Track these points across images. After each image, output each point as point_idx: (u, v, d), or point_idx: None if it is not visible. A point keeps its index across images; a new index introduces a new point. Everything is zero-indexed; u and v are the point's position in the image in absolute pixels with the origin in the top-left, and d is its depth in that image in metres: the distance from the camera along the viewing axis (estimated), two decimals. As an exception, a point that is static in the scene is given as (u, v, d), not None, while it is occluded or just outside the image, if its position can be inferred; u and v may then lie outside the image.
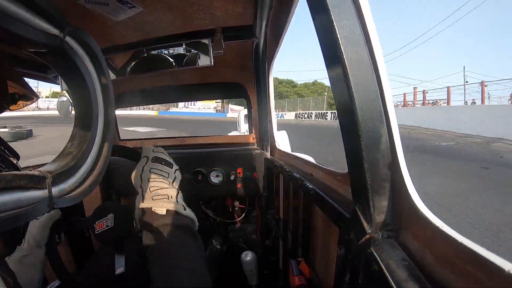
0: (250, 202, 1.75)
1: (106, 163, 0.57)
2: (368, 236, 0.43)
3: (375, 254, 0.40)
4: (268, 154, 1.55)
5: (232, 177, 1.55)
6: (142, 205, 0.64)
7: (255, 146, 1.66)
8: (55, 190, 0.42)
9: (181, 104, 41.18)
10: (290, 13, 0.93)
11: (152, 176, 0.67)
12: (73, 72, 0.50)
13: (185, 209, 0.66)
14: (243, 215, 1.76)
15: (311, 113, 29.92)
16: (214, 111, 42.30)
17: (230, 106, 40.36)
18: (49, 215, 0.71)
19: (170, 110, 41.14)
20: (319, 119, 27.54)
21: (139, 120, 25.39)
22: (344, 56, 0.41)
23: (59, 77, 1.32)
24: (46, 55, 0.47)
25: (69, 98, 1.34)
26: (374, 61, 0.42)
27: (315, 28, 0.49)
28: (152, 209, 0.63)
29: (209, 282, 0.56)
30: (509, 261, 0.25)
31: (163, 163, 0.71)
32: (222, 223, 1.78)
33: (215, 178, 1.57)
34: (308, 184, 0.79)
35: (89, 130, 0.53)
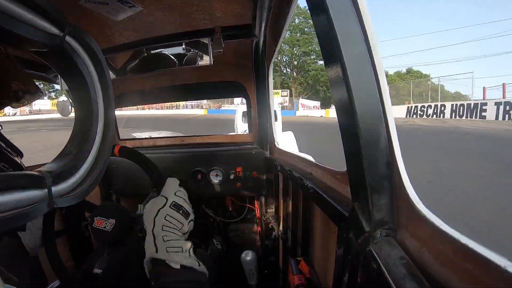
0: (249, 202, 1.75)
1: (106, 163, 0.57)
2: (366, 234, 0.43)
3: (374, 252, 0.40)
4: (267, 153, 1.55)
5: (232, 177, 1.55)
6: (156, 255, 0.62)
7: (255, 145, 1.66)
8: (55, 190, 0.42)
9: (237, 100, 31.56)
10: (289, 13, 0.93)
11: (166, 223, 0.65)
12: (73, 71, 0.50)
13: (199, 265, 0.64)
14: (243, 214, 1.76)
15: (444, 106, 14.91)
16: (280, 108, 28.62)
17: (301, 100, 29.12)
18: None
19: (222, 108, 32.70)
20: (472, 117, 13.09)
21: (177, 121, 20.41)
22: (343, 56, 0.41)
23: (59, 77, 1.32)
24: (46, 55, 0.47)
25: (69, 98, 1.34)
26: (373, 61, 0.42)
27: (315, 28, 0.49)
28: (166, 261, 0.61)
29: None
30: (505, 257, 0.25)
31: (180, 212, 0.69)
32: (222, 222, 1.79)
33: (214, 177, 1.57)
34: (307, 183, 0.79)
35: (89, 130, 0.53)
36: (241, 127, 6.86)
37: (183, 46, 1.18)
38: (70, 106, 1.35)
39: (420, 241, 0.37)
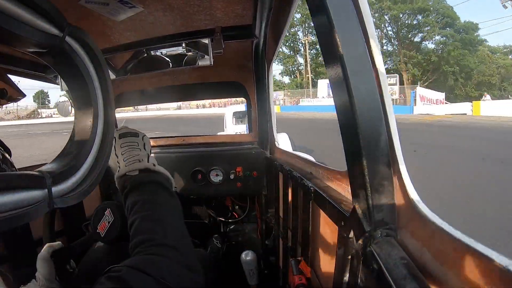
0: (250, 201, 1.75)
1: (106, 163, 0.57)
2: (367, 234, 0.43)
3: (374, 252, 0.40)
4: (267, 153, 1.55)
5: (232, 176, 1.55)
6: (118, 174, 0.69)
7: (255, 145, 1.66)
8: (55, 190, 0.42)
9: (323, 92, 22.27)
10: (290, 14, 0.93)
11: (123, 150, 0.72)
12: (73, 72, 0.50)
13: (155, 165, 0.70)
14: (243, 214, 1.76)
15: None
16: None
17: (420, 90, 18.07)
18: (47, 247, 0.71)
19: (301, 104, 24.00)
20: None
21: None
22: (344, 56, 0.41)
23: (59, 77, 1.32)
24: (46, 55, 0.47)
25: (68, 98, 1.34)
26: (373, 61, 0.42)
27: (315, 28, 0.49)
28: (126, 174, 0.68)
29: (186, 235, 0.58)
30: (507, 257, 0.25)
31: (128, 135, 0.76)
32: (222, 222, 1.79)
33: (215, 177, 1.57)
34: (307, 183, 0.79)
35: (89, 130, 0.53)
36: (232, 129, 6.15)
37: (183, 46, 1.18)
38: (70, 107, 1.35)
39: (421, 241, 0.37)
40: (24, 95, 0.73)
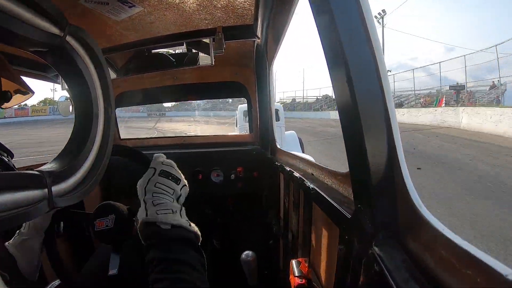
0: (250, 202, 1.75)
1: (106, 162, 0.57)
2: (369, 236, 0.43)
3: (376, 255, 0.39)
4: (268, 154, 1.55)
5: (233, 177, 1.55)
6: (146, 219, 0.62)
7: (256, 146, 1.66)
8: (55, 189, 0.42)
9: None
10: (291, 13, 0.92)
11: (157, 190, 0.66)
12: (74, 71, 0.50)
13: (190, 225, 0.64)
14: (244, 214, 1.76)
15: None
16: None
17: None
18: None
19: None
20: None
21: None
22: (347, 57, 0.41)
23: (60, 76, 1.32)
24: (46, 54, 0.47)
25: (69, 97, 1.34)
26: (376, 62, 0.41)
27: (317, 28, 0.49)
28: (157, 224, 0.61)
29: None
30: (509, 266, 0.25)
31: (170, 178, 0.69)
32: (223, 222, 1.79)
33: (215, 177, 1.57)
34: (308, 183, 0.79)
35: (89, 130, 0.53)
36: (243, 127, 6.65)
37: (184, 46, 1.18)
38: (70, 106, 1.35)
39: (423, 244, 0.37)
40: (32, 92, 0.71)
